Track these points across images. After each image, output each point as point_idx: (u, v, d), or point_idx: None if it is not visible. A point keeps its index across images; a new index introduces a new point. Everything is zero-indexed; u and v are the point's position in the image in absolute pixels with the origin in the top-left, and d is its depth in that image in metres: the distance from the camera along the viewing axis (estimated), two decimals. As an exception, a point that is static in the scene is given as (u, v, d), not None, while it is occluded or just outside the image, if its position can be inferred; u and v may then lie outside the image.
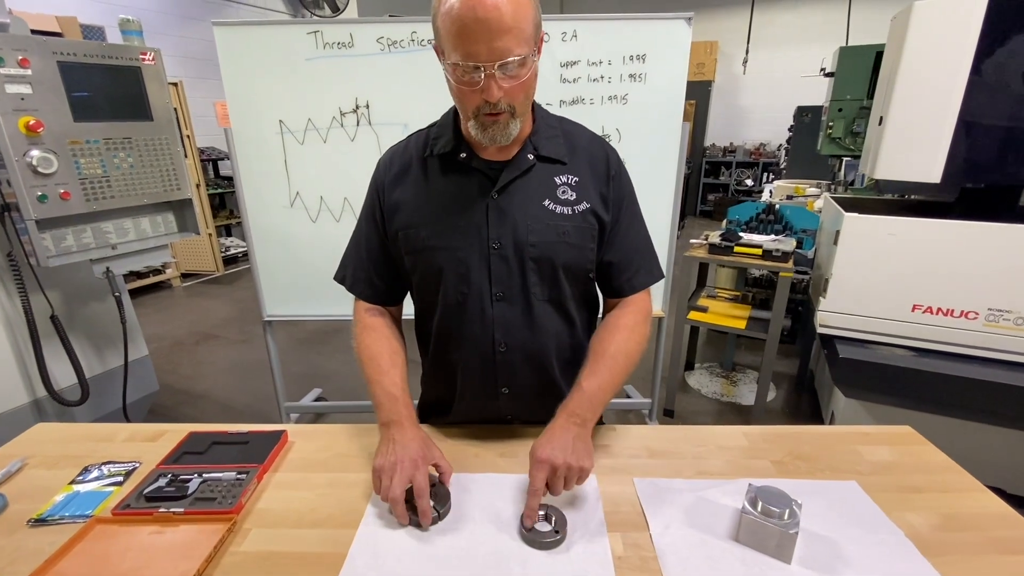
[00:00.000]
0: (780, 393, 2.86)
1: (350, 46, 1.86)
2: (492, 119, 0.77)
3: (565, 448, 0.76)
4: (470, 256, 0.86)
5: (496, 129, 0.78)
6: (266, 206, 2.07)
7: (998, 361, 1.76)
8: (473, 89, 0.74)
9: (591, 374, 0.85)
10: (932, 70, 1.70)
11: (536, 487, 0.74)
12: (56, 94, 1.62)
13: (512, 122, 0.79)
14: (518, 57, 0.71)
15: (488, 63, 0.71)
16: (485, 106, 0.75)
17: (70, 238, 1.76)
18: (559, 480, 0.75)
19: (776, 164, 7.16)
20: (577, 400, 0.83)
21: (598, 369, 0.86)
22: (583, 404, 0.82)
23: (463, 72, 0.73)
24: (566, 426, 0.80)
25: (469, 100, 0.76)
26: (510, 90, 0.75)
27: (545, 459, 0.75)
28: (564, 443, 0.77)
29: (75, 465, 0.90)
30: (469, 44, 0.70)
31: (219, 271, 5.12)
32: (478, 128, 0.79)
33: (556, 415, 0.83)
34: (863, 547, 0.71)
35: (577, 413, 0.81)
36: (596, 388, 0.84)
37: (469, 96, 0.75)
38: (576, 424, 0.80)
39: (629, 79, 1.85)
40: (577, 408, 0.82)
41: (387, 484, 0.76)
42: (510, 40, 0.70)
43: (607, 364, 0.86)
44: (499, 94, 0.74)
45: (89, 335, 2.09)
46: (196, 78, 4.91)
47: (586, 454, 0.77)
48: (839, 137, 3.25)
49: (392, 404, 0.86)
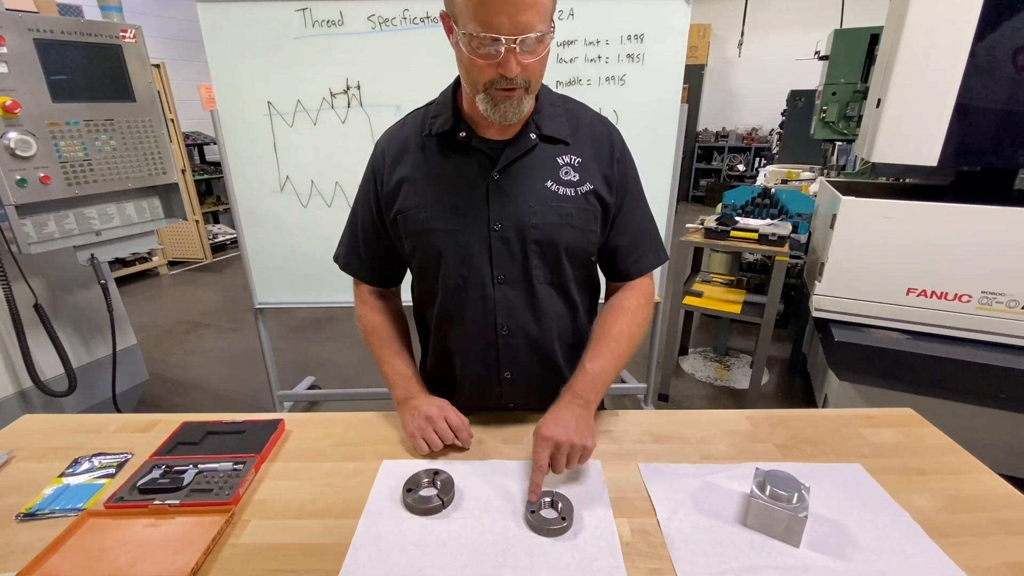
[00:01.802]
0: (772, 377, 2.89)
1: (340, 24, 1.80)
2: (505, 94, 0.74)
3: (568, 427, 0.78)
4: (471, 238, 0.84)
5: (508, 105, 0.75)
6: (255, 191, 2.02)
7: (991, 343, 1.78)
8: (489, 63, 0.71)
9: (595, 356, 0.87)
10: (931, 52, 1.68)
11: (540, 463, 0.76)
12: (33, 73, 1.56)
13: (525, 98, 0.76)
14: (539, 33, 0.69)
15: (509, 36, 0.68)
16: (500, 80, 0.72)
17: (52, 224, 1.71)
18: (562, 456, 0.77)
19: (768, 149, 7.16)
20: (581, 382, 0.84)
21: (601, 351, 0.87)
22: (586, 386, 0.84)
23: (480, 44, 0.70)
24: (570, 407, 0.82)
25: (482, 73, 0.73)
26: (528, 66, 0.72)
27: (549, 436, 0.77)
28: (567, 422, 0.79)
29: (64, 457, 0.87)
30: (491, 15, 0.67)
31: (207, 259, 5.04)
32: (488, 103, 0.75)
33: (560, 396, 0.85)
34: (870, 530, 0.71)
35: (580, 395, 0.83)
36: (599, 370, 0.85)
37: (483, 69, 0.72)
38: (579, 405, 0.82)
39: (627, 59, 1.82)
40: (581, 390, 0.84)
41: (431, 438, 0.84)
42: (533, 15, 0.67)
43: (610, 347, 0.87)
44: (517, 70, 0.71)
45: (75, 324, 2.04)
46: (178, 60, 4.78)
47: (588, 433, 0.80)
48: (832, 121, 3.24)
49: (406, 383, 0.92)
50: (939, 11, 1.65)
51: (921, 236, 1.78)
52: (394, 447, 0.90)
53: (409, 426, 0.88)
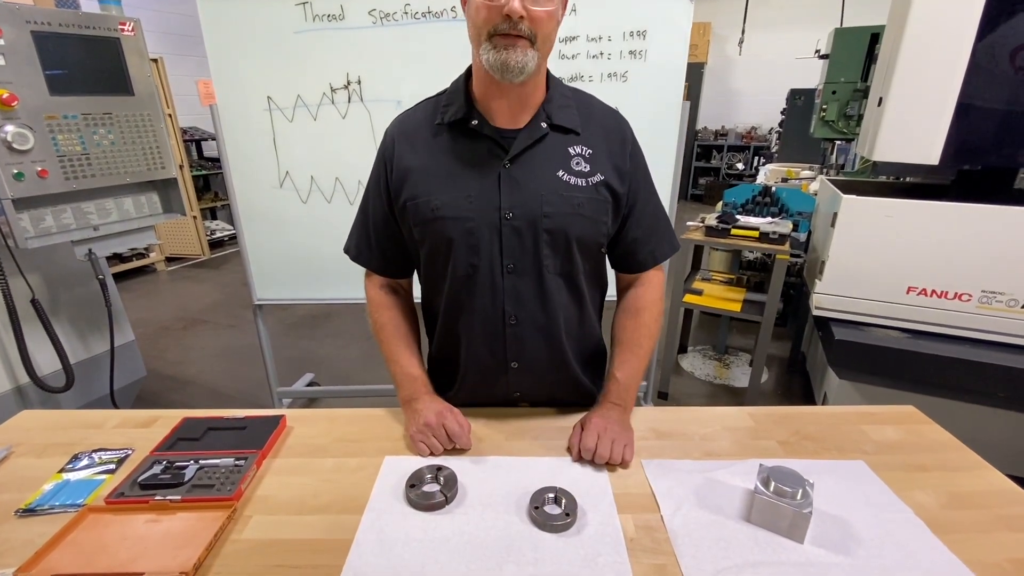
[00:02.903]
0: (772, 375, 2.89)
1: (341, 18, 1.79)
2: (509, 40, 0.73)
3: (611, 422, 0.87)
4: (481, 227, 0.83)
5: (511, 54, 0.73)
6: (254, 187, 2.01)
7: (991, 342, 1.78)
8: (494, 4, 0.71)
9: (622, 364, 0.93)
10: (933, 52, 1.68)
11: (588, 445, 0.83)
12: (31, 66, 1.54)
13: (530, 51, 0.74)
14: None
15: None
16: (503, 24, 0.71)
17: (49, 219, 1.69)
18: (607, 442, 0.83)
19: (767, 148, 7.16)
20: (615, 392, 0.92)
21: (628, 359, 0.93)
22: (621, 394, 0.91)
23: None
24: (611, 408, 0.90)
25: (489, 18, 0.72)
26: (534, 15, 0.72)
27: (598, 423, 0.86)
28: (610, 419, 0.88)
29: (64, 453, 0.86)
30: None
31: (205, 255, 5.01)
32: (491, 51, 0.74)
33: (599, 403, 0.93)
34: (874, 526, 0.71)
35: (617, 403, 0.91)
36: (629, 377, 0.92)
37: (488, 12, 0.72)
38: (619, 409, 0.90)
39: (629, 56, 1.81)
40: (617, 399, 0.91)
41: (432, 443, 0.86)
42: None
43: (635, 353, 0.93)
44: (520, 9, 0.70)
45: (72, 320, 2.02)
46: (176, 55, 4.74)
47: (629, 431, 0.89)
48: (832, 120, 3.24)
49: (411, 384, 0.93)
50: (941, 11, 1.64)
51: (922, 235, 1.78)
52: (396, 443, 0.90)
53: (410, 429, 0.90)
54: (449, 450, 0.87)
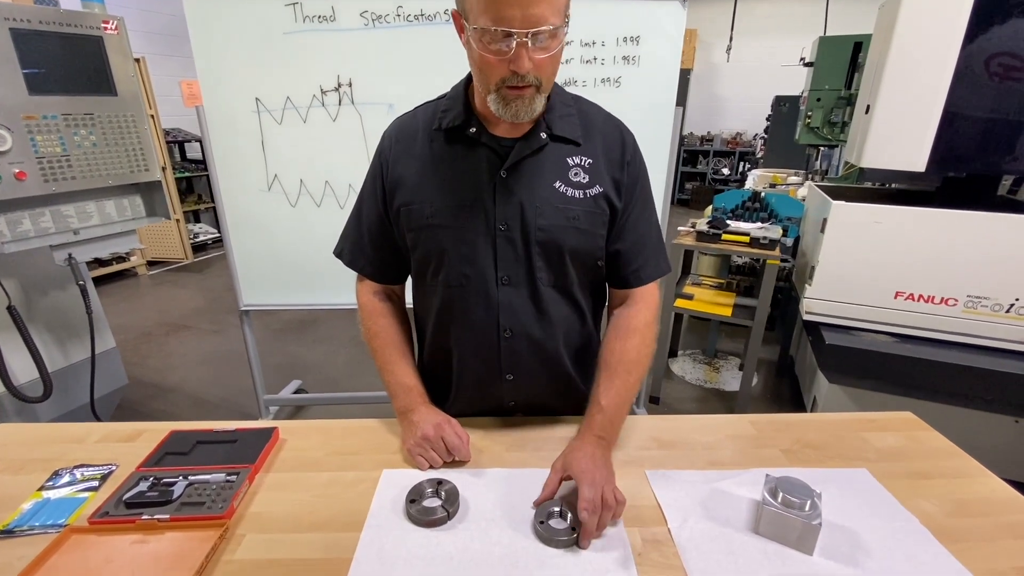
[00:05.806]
0: (760, 379, 2.91)
1: (332, 20, 1.76)
2: (517, 93, 0.72)
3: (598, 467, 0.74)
4: (475, 237, 0.82)
5: (520, 104, 0.73)
6: (241, 190, 1.96)
7: (976, 346, 1.81)
8: (500, 59, 0.69)
9: (607, 390, 0.84)
10: (920, 61, 1.71)
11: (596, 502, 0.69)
12: (8, 64, 1.49)
13: (537, 97, 0.74)
14: (551, 27, 0.67)
15: (520, 30, 0.66)
16: (511, 78, 0.70)
17: (27, 222, 1.63)
18: (609, 495, 0.70)
19: (752, 153, 7.26)
20: (600, 423, 0.82)
21: (614, 385, 0.84)
22: (606, 427, 0.82)
23: (491, 39, 0.68)
24: (595, 445, 0.79)
25: (494, 71, 0.71)
26: (540, 63, 0.70)
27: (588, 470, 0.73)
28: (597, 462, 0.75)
29: (44, 469, 0.82)
30: (502, 8, 0.65)
31: (188, 259, 4.91)
32: (499, 102, 0.74)
33: (581, 433, 0.82)
34: (882, 536, 0.71)
35: (603, 438, 0.81)
36: (616, 407, 0.83)
37: (495, 66, 0.70)
38: (603, 445, 0.80)
39: (623, 61, 1.81)
40: (602, 431, 0.81)
41: (430, 456, 0.83)
42: (545, 7, 0.65)
43: (623, 379, 0.85)
44: (529, 65, 0.69)
45: (50, 326, 1.96)
46: (160, 55, 4.65)
47: (612, 470, 0.77)
48: (817, 127, 3.29)
49: (406, 394, 0.90)
50: (928, 20, 1.68)
51: (909, 240, 1.80)
52: (395, 455, 0.87)
53: (408, 442, 0.86)
54: (448, 463, 0.84)
